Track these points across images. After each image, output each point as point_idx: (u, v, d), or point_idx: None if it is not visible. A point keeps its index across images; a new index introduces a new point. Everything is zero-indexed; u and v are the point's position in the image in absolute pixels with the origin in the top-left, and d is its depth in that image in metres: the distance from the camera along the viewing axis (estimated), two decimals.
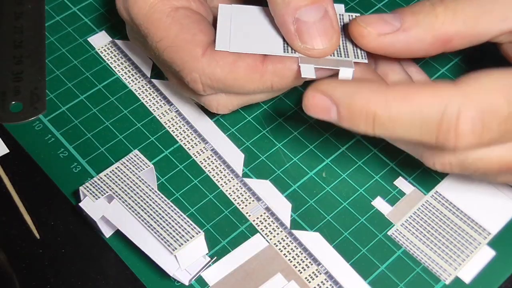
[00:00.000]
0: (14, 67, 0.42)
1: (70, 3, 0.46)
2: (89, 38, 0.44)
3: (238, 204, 0.37)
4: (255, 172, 0.38)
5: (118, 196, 0.34)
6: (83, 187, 0.34)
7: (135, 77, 0.42)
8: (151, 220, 0.33)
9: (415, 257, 0.35)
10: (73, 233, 0.36)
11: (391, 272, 0.35)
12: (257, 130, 0.40)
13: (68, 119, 0.41)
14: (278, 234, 0.36)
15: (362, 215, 0.37)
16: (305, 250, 0.35)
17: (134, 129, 0.40)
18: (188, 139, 0.40)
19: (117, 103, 0.41)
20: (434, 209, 0.37)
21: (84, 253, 0.36)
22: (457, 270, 0.35)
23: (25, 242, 0.36)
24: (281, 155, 0.39)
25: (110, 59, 0.43)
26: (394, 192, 0.38)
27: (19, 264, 0.35)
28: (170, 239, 0.32)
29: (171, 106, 0.41)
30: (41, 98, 0.41)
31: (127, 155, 0.36)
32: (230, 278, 0.35)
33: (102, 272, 0.35)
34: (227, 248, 0.36)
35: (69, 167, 0.39)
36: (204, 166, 0.39)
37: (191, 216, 0.37)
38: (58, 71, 0.43)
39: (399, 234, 0.36)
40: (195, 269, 0.34)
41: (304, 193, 0.38)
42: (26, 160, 0.39)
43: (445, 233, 0.36)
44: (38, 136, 0.40)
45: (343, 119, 0.30)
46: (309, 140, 0.40)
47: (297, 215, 0.37)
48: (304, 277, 0.35)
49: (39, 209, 0.37)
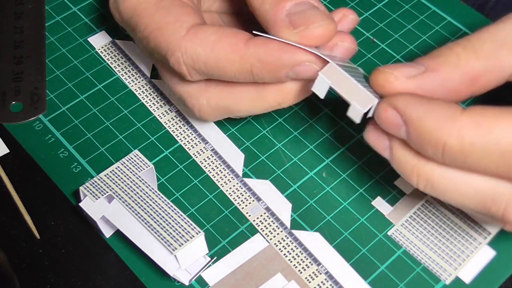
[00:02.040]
0: (14, 67, 0.42)
1: (70, 3, 0.46)
2: (89, 38, 0.44)
3: (238, 204, 0.37)
4: (255, 172, 0.38)
5: (118, 196, 0.34)
6: (83, 187, 0.34)
7: (135, 77, 0.42)
8: (151, 220, 0.33)
9: (415, 257, 0.35)
10: (73, 233, 0.36)
11: (391, 272, 0.35)
12: (257, 130, 0.40)
13: (68, 119, 0.41)
14: (278, 234, 0.36)
15: (362, 215, 0.37)
16: (305, 250, 0.35)
17: (134, 129, 0.40)
18: (188, 139, 0.40)
19: (117, 103, 0.41)
20: (434, 209, 0.37)
21: (84, 253, 0.36)
22: (457, 270, 0.35)
23: (25, 242, 0.36)
24: (281, 155, 0.39)
25: (110, 59, 0.43)
26: (394, 192, 0.38)
27: (19, 264, 0.35)
28: (170, 239, 0.32)
29: (171, 106, 0.41)
30: (41, 98, 0.41)
31: (127, 155, 0.36)
32: (230, 278, 0.35)
33: (102, 272, 0.35)
34: (227, 248, 0.36)
35: (69, 167, 0.39)
36: (204, 166, 0.39)
37: (191, 216, 0.37)
38: (58, 71, 0.43)
39: (399, 234, 0.36)
40: (195, 269, 0.34)
41: (304, 193, 0.38)
42: (26, 160, 0.39)
43: (445, 233, 0.36)
44: (38, 136, 0.40)
45: (411, 140, 0.29)
46: (309, 140, 0.40)
47: (297, 215, 0.37)
48: (304, 277, 0.35)
49: (39, 209, 0.37)
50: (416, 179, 0.30)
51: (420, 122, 0.28)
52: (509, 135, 0.27)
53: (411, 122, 0.28)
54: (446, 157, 0.28)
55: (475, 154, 0.27)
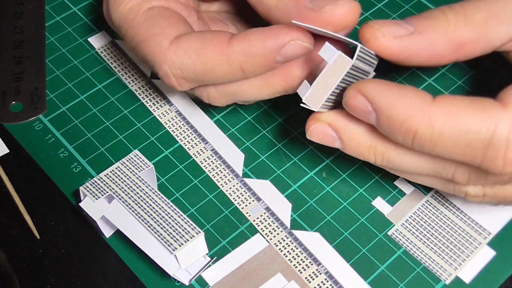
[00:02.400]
0: (14, 67, 0.42)
1: (70, 3, 0.46)
2: (89, 38, 0.44)
3: (238, 204, 0.37)
4: (255, 172, 0.38)
5: (118, 196, 0.34)
6: (83, 187, 0.34)
7: (135, 77, 0.42)
8: (151, 220, 0.33)
9: (415, 257, 0.35)
10: (73, 233, 0.36)
11: (391, 272, 0.35)
12: (257, 130, 0.40)
13: (68, 119, 0.41)
14: (278, 234, 0.36)
15: (362, 215, 0.37)
16: (305, 250, 0.35)
17: (134, 129, 0.40)
18: (188, 139, 0.40)
19: (117, 103, 0.41)
20: (434, 209, 0.37)
21: (84, 253, 0.36)
22: (457, 270, 0.35)
23: (25, 242, 0.36)
24: (281, 155, 0.39)
25: (110, 59, 0.43)
26: (394, 192, 0.38)
27: (19, 264, 0.35)
28: (170, 239, 0.32)
29: (171, 106, 0.41)
30: (41, 98, 0.41)
31: (127, 155, 0.36)
32: (230, 278, 0.35)
33: (102, 272, 0.35)
34: (227, 248, 0.36)
35: (69, 167, 0.39)
36: (204, 166, 0.39)
37: (191, 216, 0.37)
38: (58, 71, 0.43)
39: (399, 234, 0.36)
40: (195, 269, 0.34)
41: (304, 193, 0.38)
42: (26, 160, 0.39)
43: (445, 233, 0.36)
44: (38, 136, 0.40)
45: (381, 127, 0.29)
46: (309, 140, 0.39)
47: (297, 215, 0.37)
48: (304, 277, 0.35)
49: (39, 209, 0.37)
50: (374, 157, 0.32)
51: (391, 110, 0.29)
52: (477, 125, 0.28)
53: (382, 110, 0.29)
54: (415, 145, 0.29)
55: (444, 142, 0.28)
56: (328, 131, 0.32)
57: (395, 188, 0.38)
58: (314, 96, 0.31)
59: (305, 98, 0.31)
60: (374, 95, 0.29)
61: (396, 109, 0.28)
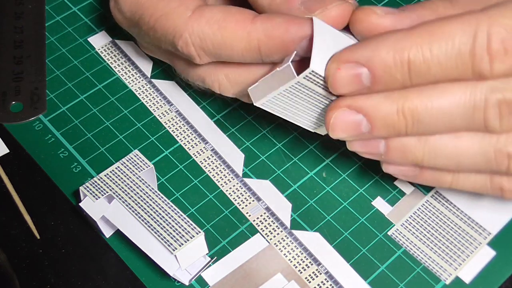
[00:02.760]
0: (14, 67, 0.42)
1: (70, 3, 0.46)
2: (89, 38, 0.44)
3: (238, 204, 0.37)
4: (255, 172, 0.38)
5: (118, 196, 0.34)
6: (83, 187, 0.34)
7: (135, 77, 0.42)
8: (151, 220, 0.33)
9: (415, 257, 0.35)
10: (73, 233, 0.36)
11: (391, 272, 0.35)
12: (257, 130, 0.40)
13: (68, 119, 0.41)
14: (278, 234, 0.36)
15: (362, 215, 0.37)
16: (305, 250, 0.35)
17: (134, 129, 0.40)
18: (188, 139, 0.40)
19: (117, 103, 0.41)
20: (434, 209, 0.37)
21: (84, 253, 0.36)
22: (457, 270, 0.35)
23: (25, 242, 0.36)
24: (281, 155, 0.39)
25: (110, 59, 0.43)
26: (394, 192, 0.38)
27: (19, 264, 0.35)
28: (170, 239, 0.32)
29: (171, 106, 0.41)
30: (41, 98, 0.41)
31: (127, 155, 0.36)
32: (230, 278, 0.35)
33: (102, 272, 0.35)
34: (227, 248, 0.36)
35: (69, 167, 0.39)
36: (204, 166, 0.39)
37: (191, 216, 0.37)
38: (58, 71, 0.43)
39: (399, 234, 0.36)
40: (195, 269, 0.34)
41: (304, 193, 0.38)
42: (26, 160, 0.39)
43: (445, 233, 0.36)
44: (38, 136, 0.40)
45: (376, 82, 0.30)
46: (309, 140, 0.40)
47: (297, 215, 0.37)
48: (304, 277, 0.35)
49: (39, 209, 0.37)
50: (405, 120, 0.31)
51: (377, 55, 0.29)
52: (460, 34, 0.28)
53: (370, 62, 0.29)
54: (413, 77, 0.29)
55: (437, 61, 0.29)
56: (351, 115, 0.31)
57: (395, 188, 0.38)
58: (258, 90, 0.32)
59: (250, 88, 0.32)
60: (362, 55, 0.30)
61: (381, 50, 0.29)
